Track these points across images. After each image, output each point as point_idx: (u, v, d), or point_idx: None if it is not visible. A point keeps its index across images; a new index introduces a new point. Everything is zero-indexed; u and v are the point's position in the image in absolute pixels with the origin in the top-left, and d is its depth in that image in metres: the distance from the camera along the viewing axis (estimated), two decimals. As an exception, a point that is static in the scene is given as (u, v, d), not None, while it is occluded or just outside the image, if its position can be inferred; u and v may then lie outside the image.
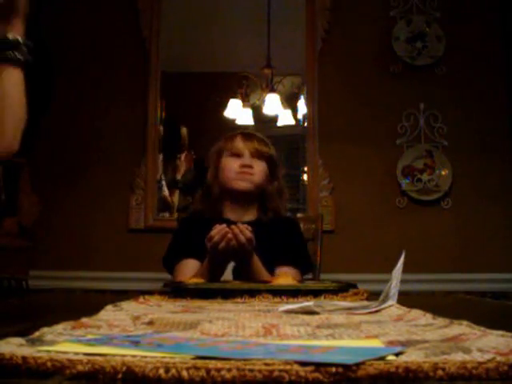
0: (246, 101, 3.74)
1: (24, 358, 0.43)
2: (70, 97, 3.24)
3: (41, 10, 3.20)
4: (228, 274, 1.63)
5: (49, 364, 0.43)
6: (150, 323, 0.72)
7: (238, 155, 1.79)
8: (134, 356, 0.45)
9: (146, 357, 0.45)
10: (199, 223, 1.80)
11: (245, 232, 1.50)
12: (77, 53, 3.26)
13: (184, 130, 3.84)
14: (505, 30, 3.23)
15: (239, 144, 1.81)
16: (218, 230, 1.50)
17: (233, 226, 1.50)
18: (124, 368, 0.42)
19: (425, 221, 3.11)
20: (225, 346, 0.52)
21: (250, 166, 1.78)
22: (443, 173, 3.13)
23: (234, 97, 3.73)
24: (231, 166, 1.78)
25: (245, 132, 1.89)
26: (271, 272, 1.65)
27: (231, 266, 1.62)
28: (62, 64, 3.23)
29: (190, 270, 1.67)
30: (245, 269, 1.58)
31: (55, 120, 3.20)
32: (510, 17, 3.21)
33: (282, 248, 1.72)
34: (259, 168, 1.80)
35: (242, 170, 1.77)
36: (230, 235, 1.49)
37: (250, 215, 1.83)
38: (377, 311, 0.90)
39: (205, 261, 1.60)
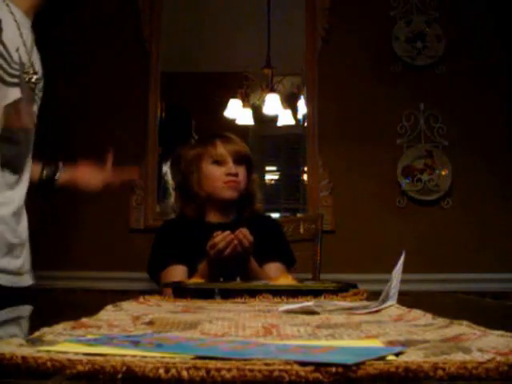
0: (245, 101, 3.74)
1: (24, 358, 0.43)
2: (70, 97, 3.23)
3: (41, 10, 3.20)
4: None
5: (49, 364, 0.43)
6: (150, 323, 0.72)
7: (220, 162, 1.79)
8: (133, 356, 0.45)
9: (145, 357, 0.45)
10: (182, 227, 1.81)
11: (248, 236, 1.52)
12: (77, 53, 3.26)
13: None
14: (505, 29, 3.23)
15: (221, 150, 1.80)
16: (222, 237, 1.50)
17: (237, 232, 1.51)
18: (124, 368, 0.42)
19: (425, 221, 3.11)
20: (225, 346, 0.52)
21: (236, 175, 1.78)
22: (443, 173, 3.13)
23: (234, 97, 3.73)
24: (216, 175, 1.78)
25: (223, 136, 1.87)
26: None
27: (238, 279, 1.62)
28: (62, 64, 3.22)
29: (178, 276, 1.66)
30: (245, 271, 1.58)
31: (55, 120, 3.19)
32: (510, 17, 3.21)
33: (264, 245, 1.72)
34: (242, 174, 1.81)
35: (228, 178, 1.77)
36: (235, 241, 1.50)
37: (230, 216, 1.84)
38: (377, 311, 0.90)
39: (201, 267, 1.60)
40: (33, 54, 1.60)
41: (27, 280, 1.58)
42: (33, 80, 1.55)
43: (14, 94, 1.45)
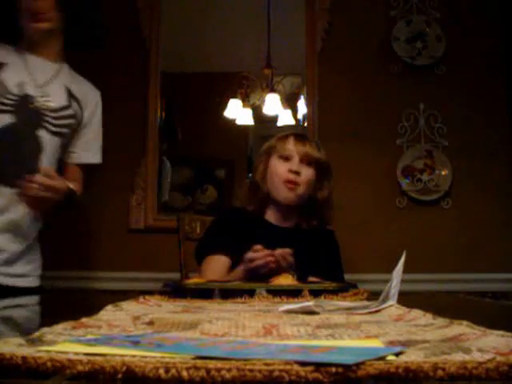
0: (246, 101, 3.74)
1: (24, 358, 0.43)
2: (70, 97, 3.23)
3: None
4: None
5: (49, 364, 0.43)
6: (150, 323, 0.73)
7: (287, 158, 1.76)
8: (133, 356, 0.45)
9: (145, 357, 0.45)
10: (239, 219, 1.79)
11: (288, 258, 1.51)
12: (76, 52, 3.25)
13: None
14: (505, 29, 3.23)
15: (290, 146, 1.77)
16: (261, 256, 1.50)
17: (276, 253, 1.50)
18: (124, 368, 0.42)
19: (425, 221, 3.11)
20: (225, 346, 0.52)
21: (298, 173, 1.74)
22: (443, 173, 3.13)
23: (234, 97, 3.72)
24: (279, 171, 1.75)
25: (297, 133, 1.85)
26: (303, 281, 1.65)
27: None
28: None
29: (219, 267, 1.67)
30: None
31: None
32: (510, 16, 3.21)
33: (318, 259, 1.71)
34: (306, 175, 1.77)
35: (288, 176, 1.74)
36: (272, 264, 1.49)
37: (291, 221, 1.81)
38: (377, 311, 0.90)
39: (237, 271, 1.60)
40: (49, 88, 1.97)
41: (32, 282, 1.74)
42: (43, 107, 1.87)
43: (3, 119, 1.76)
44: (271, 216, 1.80)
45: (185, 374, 0.41)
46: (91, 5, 2.00)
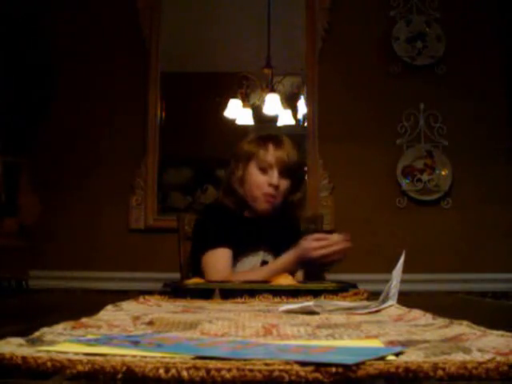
0: (245, 101, 3.73)
1: (24, 358, 0.43)
2: (70, 97, 3.23)
3: (41, 9, 3.20)
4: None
5: (49, 364, 0.43)
6: (150, 323, 0.72)
7: (265, 169, 1.78)
8: (134, 356, 0.45)
9: (145, 357, 0.45)
10: (223, 214, 1.83)
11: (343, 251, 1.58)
12: (76, 53, 3.26)
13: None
14: (505, 29, 3.22)
15: (269, 157, 1.78)
16: (325, 244, 1.54)
17: (344, 245, 1.58)
18: (124, 368, 0.42)
19: (425, 221, 3.11)
20: (225, 346, 0.52)
21: (277, 187, 1.77)
22: (443, 173, 3.13)
23: (234, 97, 3.72)
24: (259, 183, 1.78)
25: (277, 140, 1.84)
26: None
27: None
28: (62, 64, 3.22)
29: (226, 258, 1.71)
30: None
31: (55, 120, 3.20)
32: (510, 16, 3.21)
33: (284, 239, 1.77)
34: (283, 187, 1.79)
35: (268, 190, 1.77)
36: (338, 255, 1.57)
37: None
38: (377, 311, 0.90)
39: (285, 259, 1.62)
40: None
41: None
42: None
43: None
44: (248, 213, 1.85)
45: (185, 374, 0.41)
46: None
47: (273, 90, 3.58)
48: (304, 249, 1.56)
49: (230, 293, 1.18)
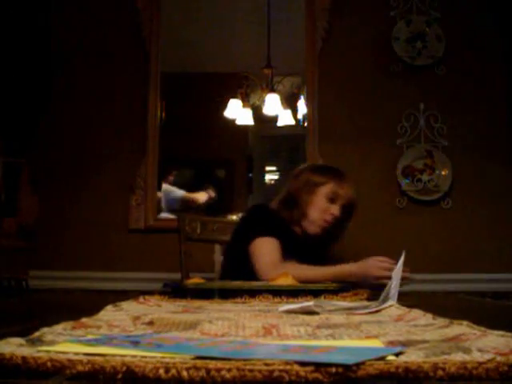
0: (245, 101, 3.73)
1: (24, 358, 0.43)
2: (70, 97, 3.23)
3: (40, 10, 3.20)
4: None
5: (49, 364, 0.43)
6: (150, 323, 0.72)
7: (333, 200, 1.93)
8: (134, 356, 0.45)
9: (145, 357, 0.45)
10: (275, 217, 1.92)
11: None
12: (76, 53, 3.26)
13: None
14: (505, 30, 3.22)
15: (341, 191, 1.94)
16: (387, 267, 1.63)
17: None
18: (124, 368, 0.42)
19: (425, 221, 3.10)
20: (225, 346, 0.52)
21: (336, 219, 1.93)
22: (443, 173, 3.13)
23: (234, 97, 3.72)
24: (323, 209, 1.92)
25: (348, 177, 2.02)
26: None
27: None
28: (62, 64, 3.22)
29: (276, 247, 1.79)
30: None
31: (55, 120, 3.20)
32: (510, 16, 3.21)
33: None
34: (337, 220, 1.95)
35: (327, 218, 1.92)
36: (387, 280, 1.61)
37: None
38: (377, 311, 0.90)
39: (342, 267, 1.74)
40: None
41: None
42: None
43: None
44: (296, 228, 1.95)
45: (185, 374, 0.41)
46: None
47: (273, 90, 3.58)
48: (370, 265, 1.62)
49: (229, 293, 1.18)
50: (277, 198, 2.02)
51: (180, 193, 3.76)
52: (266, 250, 1.76)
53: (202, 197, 3.77)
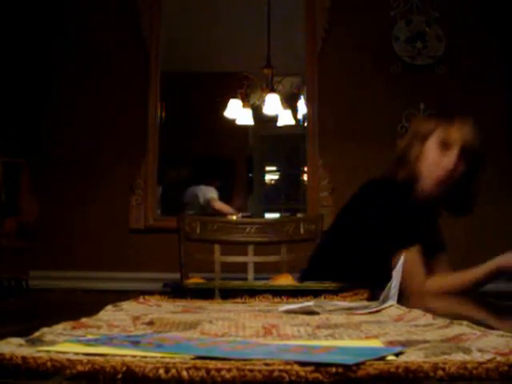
0: (245, 101, 3.74)
1: (24, 358, 0.43)
2: (70, 97, 3.24)
3: (41, 10, 3.20)
4: None
5: (49, 364, 0.43)
6: (150, 323, 0.72)
7: (445, 148, 1.60)
8: (133, 356, 0.45)
9: (145, 357, 0.45)
10: (396, 196, 1.65)
11: None
12: (77, 53, 3.26)
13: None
14: (504, 30, 3.22)
15: (453, 134, 1.62)
16: None
17: None
18: (124, 368, 0.42)
19: (425, 221, 3.10)
20: (225, 346, 0.52)
21: (453, 172, 1.59)
22: (443, 173, 3.12)
23: (234, 97, 3.72)
24: (434, 162, 1.61)
25: (461, 117, 1.70)
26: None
27: None
28: (62, 64, 3.22)
29: (421, 262, 1.56)
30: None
31: (55, 120, 3.20)
32: (510, 16, 3.21)
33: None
34: (458, 172, 1.61)
35: (442, 174, 1.60)
36: None
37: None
38: (377, 311, 0.90)
39: (477, 269, 1.63)
40: None
41: None
42: None
43: None
44: (419, 193, 1.67)
45: (185, 374, 0.41)
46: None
47: (273, 90, 3.58)
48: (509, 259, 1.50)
49: (230, 293, 1.18)
50: (392, 160, 1.78)
51: (210, 195, 3.76)
52: (412, 269, 1.53)
53: (226, 209, 3.74)
